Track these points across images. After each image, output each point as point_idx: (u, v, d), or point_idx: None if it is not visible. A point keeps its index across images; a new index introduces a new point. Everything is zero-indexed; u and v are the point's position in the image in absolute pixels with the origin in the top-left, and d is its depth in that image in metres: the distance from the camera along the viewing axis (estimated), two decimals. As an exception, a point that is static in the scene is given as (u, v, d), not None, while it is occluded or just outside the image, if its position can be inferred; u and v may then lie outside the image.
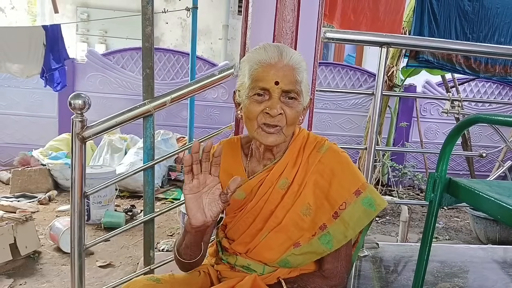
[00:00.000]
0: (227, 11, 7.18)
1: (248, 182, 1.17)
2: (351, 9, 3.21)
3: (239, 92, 1.13)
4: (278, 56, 1.06)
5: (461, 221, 4.56)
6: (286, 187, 1.14)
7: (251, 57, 1.09)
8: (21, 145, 5.17)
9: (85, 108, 1.68)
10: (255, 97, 1.07)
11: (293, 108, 1.07)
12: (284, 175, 1.14)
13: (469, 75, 3.40)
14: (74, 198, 1.72)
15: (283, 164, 1.15)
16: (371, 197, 1.10)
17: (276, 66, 1.05)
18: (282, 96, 1.06)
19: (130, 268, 2.82)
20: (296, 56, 1.09)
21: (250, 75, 1.08)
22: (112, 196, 3.85)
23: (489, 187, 1.07)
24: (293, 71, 1.06)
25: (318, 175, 1.13)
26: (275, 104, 1.05)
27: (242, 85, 1.11)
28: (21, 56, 4.09)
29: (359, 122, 5.82)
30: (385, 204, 1.12)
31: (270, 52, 1.07)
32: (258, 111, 1.07)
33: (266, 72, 1.05)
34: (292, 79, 1.06)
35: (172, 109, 5.35)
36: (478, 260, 2.18)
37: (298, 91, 1.07)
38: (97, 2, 7.06)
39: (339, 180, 1.11)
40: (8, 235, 2.66)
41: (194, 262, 1.16)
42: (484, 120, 1.06)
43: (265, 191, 1.15)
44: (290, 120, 1.07)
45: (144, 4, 1.84)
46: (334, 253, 1.12)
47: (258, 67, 1.06)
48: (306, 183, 1.12)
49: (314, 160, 1.14)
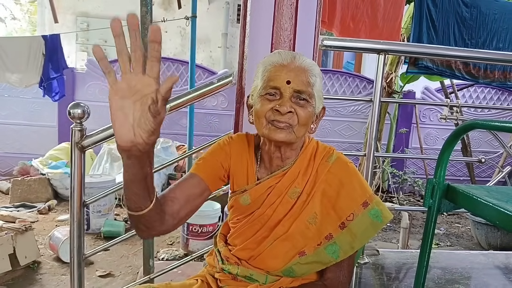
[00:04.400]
0: (226, 20, 7.23)
1: (255, 188, 1.15)
2: (350, 17, 3.23)
3: (252, 96, 1.13)
4: (291, 58, 1.07)
5: (462, 227, 4.54)
6: (296, 196, 1.12)
7: (265, 61, 1.10)
8: (20, 154, 5.17)
9: (85, 117, 1.68)
10: (266, 96, 1.06)
11: (305, 109, 1.06)
12: (295, 184, 1.13)
13: (469, 81, 3.41)
14: (73, 207, 1.72)
15: (295, 173, 1.14)
16: (378, 209, 1.10)
17: (289, 67, 1.05)
18: (293, 96, 1.05)
19: (130, 278, 2.81)
20: (309, 60, 1.10)
21: (263, 76, 1.08)
22: (111, 205, 3.84)
23: (487, 193, 1.07)
24: (306, 72, 1.06)
25: (326, 184, 1.12)
26: (286, 102, 1.04)
27: (255, 88, 1.11)
28: (20, 65, 4.11)
29: (359, 129, 5.83)
30: (391, 217, 1.12)
31: (283, 55, 1.08)
32: (268, 109, 1.05)
33: (278, 72, 1.05)
34: (304, 80, 1.05)
35: (171, 117, 5.35)
36: (480, 266, 2.17)
37: (310, 93, 1.06)
38: (96, 11, 7.11)
39: (347, 191, 1.11)
40: (7, 245, 2.65)
41: (143, 216, 0.94)
42: (481, 126, 1.06)
43: (274, 199, 1.13)
44: (302, 120, 1.05)
45: (143, 13, 1.85)
46: (336, 262, 1.11)
47: (271, 67, 1.07)
48: (315, 193, 1.12)
49: (324, 170, 1.13)
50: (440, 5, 3.17)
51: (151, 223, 0.98)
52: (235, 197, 1.18)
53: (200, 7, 4.81)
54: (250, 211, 1.16)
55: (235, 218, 1.20)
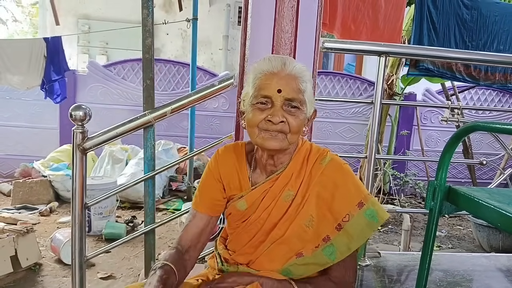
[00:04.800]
0: (227, 22, 7.25)
1: (251, 193, 1.16)
2: (351, 19, 3.23)
3: (244, 102, 1.14)
4: (281, 66, 1.08)
5: (463, 229, 4.53)
6: (290, 199, 1.13)
7: (256, 68, 1.11)
8: (22, 156, 5.17)
9: (86, 119, 1.69)
10: (258, 105, 1.07)
11: (296, 117, 1.07)
12: (288, 187, 1.14)
13: (469, 83, 3.41)
14: (75, 209, 1.73)
15: (288, 175, 1.15)
16: (374, 209, 1.10)
17: (279, 75, 1.06)
18: (284, 104, 1.06)
19: (131, 280, 2.81)
20: (299, 66, 1.10)
21: (254, 84, 1.09)
22: (113, 207, 3.85)
23: (489, 195, 1.07)
24: (296, 80, 1.07)
25: (320, 187, 1.13)
26: (277, 112, 1.05)
27: (246, 94, 1.12)
28: (21, 68, 4.12)
29: (360, 131, 5.83)
30: (387, 216, 1.12)
31: (273, 62, 1.09)
32: (260, 119, 1.07)
33: (269, 81, 1.06)
34: (295, 88, 1.06)
35: (172, 119, 5.36)
36: (481, 268, 2.17)
37: (301, 100, 1.07)
38: (98, 14, 7.13)
39: (342, 193, 1.11)
40: (9, 247, 2.65)
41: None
42: (482, 128, 1.06)
43: (268, 203, 1.15)
44: (294, 128, 1.07)
45: (145, 16, 1.86)
46: (341, 262, 1.11)
47: (261, 76, 1.08)
48: (309, 196, 1.12)
49: (317, 172, 1.14)
50: (441, 7, 3.17)
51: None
52: (232, 204, 1.20)
53: (201, 10, 4.83)
54: (246, 216, 1.17)
55: (233, 224, 1.22)
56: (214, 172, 1.22)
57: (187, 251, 1.18)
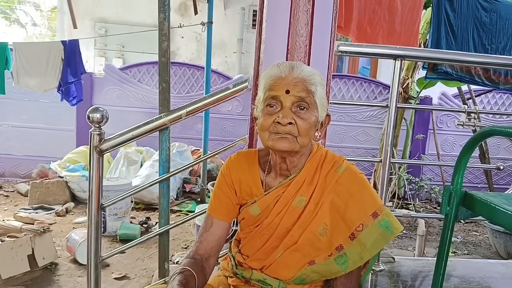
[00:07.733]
0: (241, 25, 7.28)
1: (264, 198, 1.17)
2: (367, 22, 3.21)
3: (256, 108, 1.16)
4: (289, 70, 1.10)
5: (479, 235, 4.46)
6: (303, 205, 1.13)
7: (265, 74, 1.13)
8: (39, 157, 5.26)
9: (103, 121, 1.71)
10: (267, 108, 1.09)
11: (305, 120, 1.08)
12: (300, 192, 1.14)
13: (489, 86, 3.35)
14: (91, 209, 1.75)
15: (300, 181, 1.15)
16: (388, 220, 1.10)
17: (287, 78, 1.08)
18: (293, 106, 1.07)
19: (145, 280, 2.83)
20: (308, 69, 1.11)
21: (264, 88, 1.11)
22: (127, 208, 3.88)
23: (506, 201, 1.06)
24: (304, 82, 1.08)
25: (335, 195, 1.12)
26: (286, 113, 1.06)
27: (258, 100, 1.14)
28: (39, 70, 4.20)
29: (374, 135, 5.78)
30: (402, 228, 1.12)
31: (282, 67, 1.11)
32: (270, 122, 1.08)
33: (277, 83, 1.08)
34: (303, 88, 1.07)
35: (187, 122, 5.39)
36: (498, 275, 2.13)
37: (310, 101, 1.08)
38: (114, 17, 7.23)
39: (356, 202, 1.11)
40: (26, 246, 2.70)
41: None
42: (499, 132, 1.05)
43: (281, 208, 1.15)
44: (302, 131, 1.08)
45: (161, 20, 1.88)
46: (346, 273, 1.11)
47: (270, 80, 1.10)
48: (323, 203, 1.12)
49: (332, 180, 1.14)
50: (459, 10, 3.13)
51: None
52: (245, 209, 1.21)
53: (216, 13, 4.86)
54: (259, 221, 1.18)
55: (246, 229, 1.22)
56: (226, 177, 1.23)
57: (207, 260, 1.20)
